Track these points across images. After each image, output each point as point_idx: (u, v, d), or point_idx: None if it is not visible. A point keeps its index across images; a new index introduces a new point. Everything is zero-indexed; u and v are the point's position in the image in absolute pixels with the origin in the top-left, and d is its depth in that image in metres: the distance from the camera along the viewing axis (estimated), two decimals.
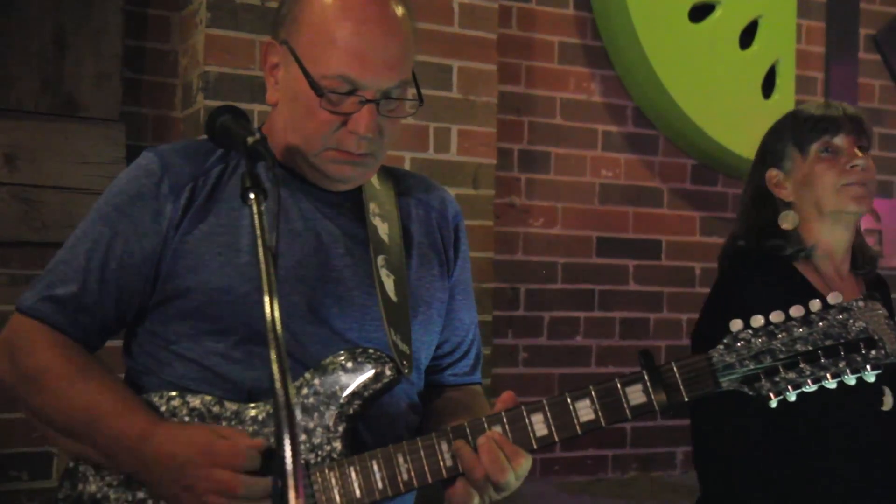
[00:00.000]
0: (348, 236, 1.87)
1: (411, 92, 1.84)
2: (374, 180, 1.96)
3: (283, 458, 1.25)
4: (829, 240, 2.47)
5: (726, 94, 4.20)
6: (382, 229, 1.90)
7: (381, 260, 1.86)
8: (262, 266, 1.43)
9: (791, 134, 2.48)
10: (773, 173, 2.49)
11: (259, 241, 1.46)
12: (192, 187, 1.81)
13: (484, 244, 3.63)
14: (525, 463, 1.67)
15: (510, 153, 4.00)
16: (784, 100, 4.29)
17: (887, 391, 2.36)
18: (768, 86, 4.34)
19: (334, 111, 1.77)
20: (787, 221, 2.46)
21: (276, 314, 1.38)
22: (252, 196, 1.51)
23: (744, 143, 4.13)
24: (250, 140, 1.61)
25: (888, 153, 4.74)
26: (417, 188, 2.04)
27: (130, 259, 1.80)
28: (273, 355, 1.33)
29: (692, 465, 4.20)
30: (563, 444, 3.91)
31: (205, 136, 1.81)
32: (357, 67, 1.75)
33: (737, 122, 4.15)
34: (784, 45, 4.35)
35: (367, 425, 1.79)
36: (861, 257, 2.56)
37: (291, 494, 1.22)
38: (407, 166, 3.48)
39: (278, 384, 1.31)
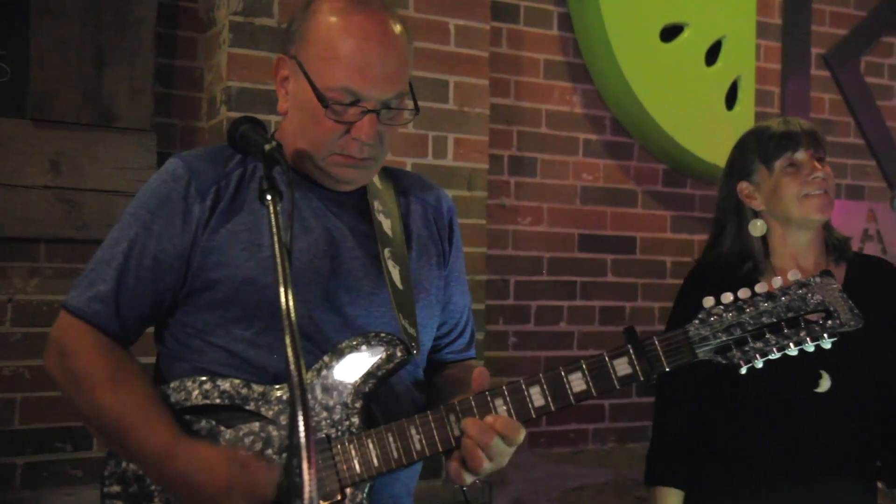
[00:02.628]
0: (356, 232, 1.86)
1: (408, 102, 1.83)
2: (377, 180, 1.95)
3: (297, 431, 1.26)
4: (794, 242, 2.46)
5: (694, 106, 4.17)
6: (386, 225, 1.89)
7: (387, 252, 1.85)
8: (278, 260, 1.44)
9: (757, 150, 2.47)
10: (743, 185, 2.49)
11: (275, 239, 1.47)
12: (216, 190, 1.80)
13: (477, 240, 3.62)
14: (521, 436, 1.69)
15: (501, 159, 3.97)
16: (745, 111, 4.28)
17: (825, 375, 2.34)
18: (731, 98, 4.31)
19: (338, 120, 1.76)
20: (755, 229, 2.46)
21: (291, 304, 1.39)
22: (269, 198, 1.52)
23: (709, 149, 4.13)
24: (267, 147, 1.61)
25: (837, 159, 4.69)
26: (415, 186, 2.03)
27: (163, 256, 1.79)
28: (287, 340, 1.34)
29: None
30: (549, 419, 3.95)
31: (225, 143, 1.81)
32: (359, 80, 1.74)
33: (703, 131, 4.14)
34: (745, 62, 4.33)
35: (377, 402, 1.79)
36: (833, 246, 2.53)
37: (304, 465, 1.23)
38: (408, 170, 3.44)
39: (292, 366, 1.32)
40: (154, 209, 1.80)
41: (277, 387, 1.74)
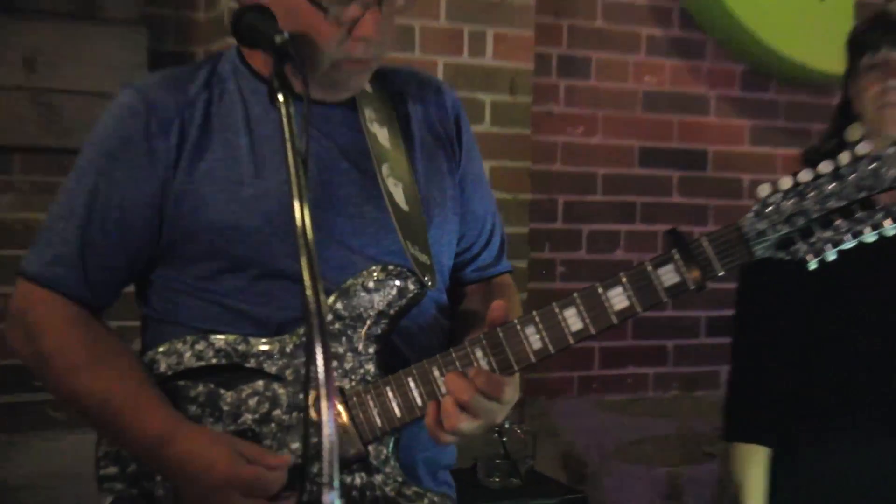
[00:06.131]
0: (348, 150, 1.84)
1: None
2: (366, 84, 1.91)
3: (314, 372, 1.27)
4: None
5: None
6: (381, 135, 1.87)
7: (385, 169, 1.84)
8: (292, 171, 1.45)
9: (850, 44, 2.46)
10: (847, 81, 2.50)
11: (288, 146, 1.47)
12: (180, 122, 1.78)
13: (521, 154, 3.63)
14: (506, 394, 1.67)
15: (548, 58, 3.93)
16: (842, 3, 4.13)
17: None
18: None
19: (338, 22, 1.71)
20: (851, 133, 2.43)
21: (308, 221, 1.40)
22: (281, 98, 1.51)
23: (798, 47, 4.07)
24: (278, 39, 1.59)
25: None
26: (411, 84, 1.99)
27: (131, 206, 1.78)
28: (304, 262, 1.36)
29: None
30: (603, 361, 3.99)
31: (182, 67, 1.83)
32: None
33: (791, 25, 4.07)
34: None
35: (400, 338, 1.80)
36: None
37: (324, 404, 1.23)
38: (440, 72, 3.46)
39: (309, 291, 1.32)
40: (113, 152, 1.78)
41: (279, 338, 1.76)
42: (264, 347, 1.75)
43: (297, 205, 1.41)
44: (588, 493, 3.55)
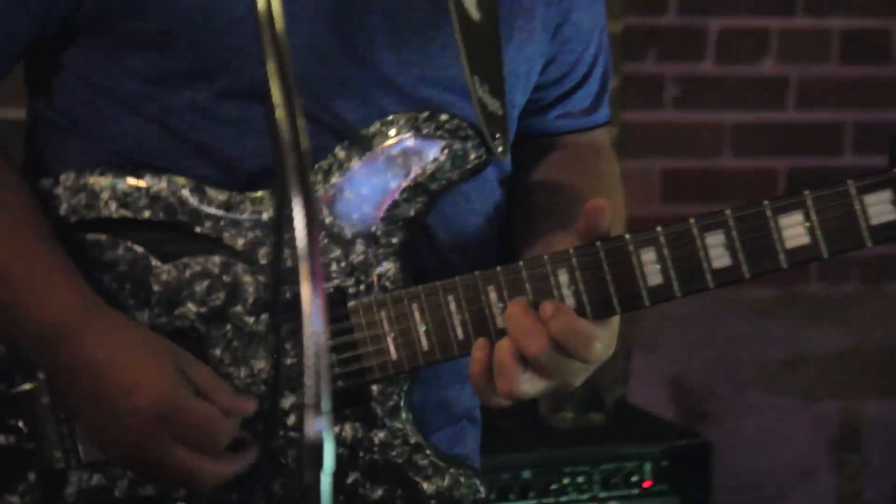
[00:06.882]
0: None
1: None
2: None
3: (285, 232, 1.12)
4: None
5: None
6: None
7: None
8: None
9: None
10: None
11: None
12: None
13: None
14: (593, 352, 1.68)
15: None
16: None
17: None
18: None
19: None
20: None
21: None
22: None
23: None
24: None
25: None
26: None
27: None
28: (269, 66, 1.16)
29: None
30: None
31: None
32: None
33: None
34: None
35: (439, 225, 1.86)
36: None
37: (305, 290, 1.08)
38: None
39: (280, 112, 1.14)
40: None
41: (251, 194, 1.78)
42: (229, 203, 1.80)
43: None
44: (711, 437, 3.66)
